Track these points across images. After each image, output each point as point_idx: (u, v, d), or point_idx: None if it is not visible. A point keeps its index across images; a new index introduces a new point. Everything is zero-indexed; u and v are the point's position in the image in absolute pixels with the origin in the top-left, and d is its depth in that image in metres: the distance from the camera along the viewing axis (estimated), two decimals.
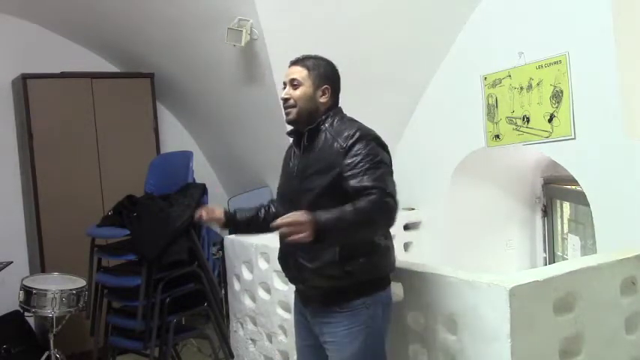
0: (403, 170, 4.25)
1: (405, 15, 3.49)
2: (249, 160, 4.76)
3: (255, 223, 2.44)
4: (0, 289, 4.04)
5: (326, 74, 2.22)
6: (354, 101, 3.82)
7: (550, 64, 3.06)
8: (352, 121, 2.22)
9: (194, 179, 3.77)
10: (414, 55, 3.75)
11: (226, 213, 2.44)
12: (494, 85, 3.45)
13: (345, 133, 2.11)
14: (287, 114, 2.23)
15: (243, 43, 3.43)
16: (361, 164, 2.03)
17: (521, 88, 3.26)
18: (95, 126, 4.49)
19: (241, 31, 3.40)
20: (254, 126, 4.29)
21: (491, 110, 3.49)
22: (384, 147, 2.14)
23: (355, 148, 2.06)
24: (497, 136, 3.47)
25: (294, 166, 2.24)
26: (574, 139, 2.98)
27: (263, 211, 2.45)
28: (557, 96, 3.05)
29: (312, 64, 2.22)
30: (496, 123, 3.47)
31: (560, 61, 2.99)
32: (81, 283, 3.60)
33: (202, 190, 3.65)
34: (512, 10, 3.30)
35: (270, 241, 2.64)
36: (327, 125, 2.18)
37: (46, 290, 3.46)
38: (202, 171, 4.88)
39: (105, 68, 4.96)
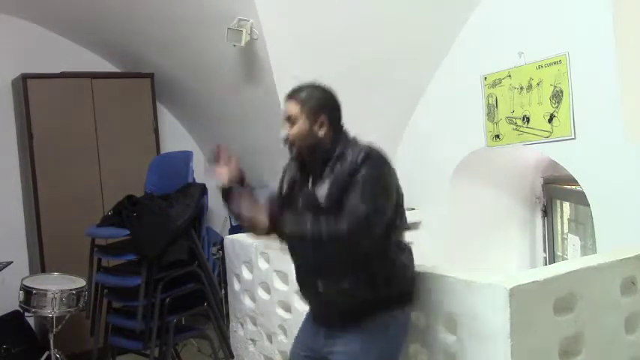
0: (403, 170, 4.24)
1: (405, 15, 3.49)
2: (249, 160, 4.74)
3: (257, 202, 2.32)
4: (0, 289, 4.04)
5: (320, 105, 2.11)
6: (354, 102, 3.83)
7: (550, 64, 3.06)
8: (355, 145, 2.13)
9: (194, 179, 3.78)
10: (414, 56, 3.75)
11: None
12: (494, 85, 3.45)
13: (349, 159, 2.05)
14: (289, 151, 2.17)
15: (243, 43, 3.43)
16: (356, 185, 1.99)
17: (521, 88, 3.26)
18: (95, 126, 4.49)
19: (241, 31, 3.40)
20: (254, 126, 4.29)
21: (491, 110, 3.49)
22: (389, 167, 2.09)
23: (359, 173, 2.00)
24: (497, 136, 3.47)
25: (305, 196, 2.16)
26: (574, 139, 2.98)
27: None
28: (557, 96, 3.05)
29: (305, 96, 2.11)
30: (496, 123, 3.47)
31: (560, 61, 2.99)
32: (81, 283, 3.60)
33: (202, 190, 3.65)
34: (512, 10, 3.30)
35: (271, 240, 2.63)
36: (336, 155, 2.10)
37: (46, 290, 3.46)
38: (202, 171, 4.87)
39: (105, 68, 4.95)
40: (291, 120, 2.12)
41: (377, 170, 2.03)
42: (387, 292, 2.11)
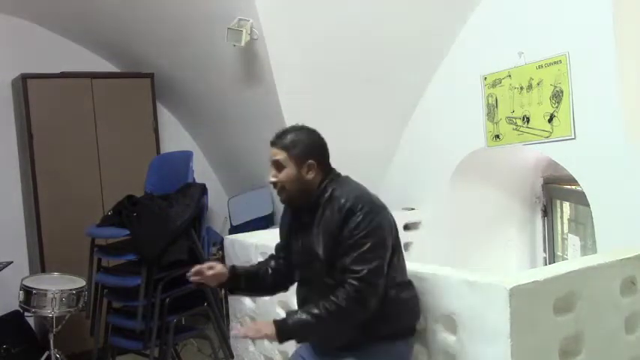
0: (403, 170, 4.27)
1: (405, 15, 3.49)
2: (249, 160, 4.76)
3: (255, 280, 2.36)
4: (0, 289, 4.04)
5: (307, 149, 2.10)
6: (354, 101, 3.85)
7: (550, 64, 3.06)
8: (343, 186, 2.11)
9: (194, 179, 3.77)
10: (414, 55, 3.75)
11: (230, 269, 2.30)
12: (494, 85, 3.45)
13: (337, 206, 2.04)
14: (279, 195, 2.16)
15: (243, 43, 3.43)
16: (350, 241, 1.99)
17: (521, 88, 3.26)
18: (95, 126, 4.49)
19: (241, 31, 3.40)
20: (254, 126, 4.29)
21: (491, 110, 3.49)
22: (379, 211, 2.06)
23: (349, 224, 2.00)
24: (497, 136, 3.47)
25: (302, 245, 2.17)
26: (574, 139, 2.98)
27: (263, 271, 2.39)
28: (557, 96, 3.05)
29: (290, 142, 2.10)
30: (496, 123, 3.47)
31: (560, 61, 2.99)
32: (81, 283, 3.60)
33: (202, 190, 3.65)
34: (512, 10, 3.30)
35: (270, 240, 2.63)
36: (325, 198, 2.10)
37: (46, 290, 3.45)
38: (202, 171, 4.88)
39: (105, 68, 4.96)
40: (277, 166, 2.11)
41: (369, 221, 2.01)
42: (387, 329, 2.11)
